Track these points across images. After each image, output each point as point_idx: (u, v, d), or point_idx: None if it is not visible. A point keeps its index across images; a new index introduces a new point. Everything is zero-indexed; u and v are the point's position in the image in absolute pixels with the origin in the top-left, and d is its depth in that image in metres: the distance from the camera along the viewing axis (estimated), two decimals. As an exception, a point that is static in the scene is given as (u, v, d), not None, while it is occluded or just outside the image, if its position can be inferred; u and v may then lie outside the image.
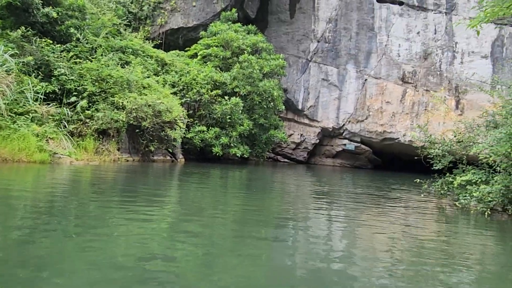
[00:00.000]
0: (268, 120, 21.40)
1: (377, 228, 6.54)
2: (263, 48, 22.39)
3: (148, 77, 17.69)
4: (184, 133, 17.65)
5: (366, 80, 26.23)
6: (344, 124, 26.87)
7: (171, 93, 18.09)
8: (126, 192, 8.47)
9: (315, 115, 27.32)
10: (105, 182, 9.77)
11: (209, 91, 19.00)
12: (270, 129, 21.63)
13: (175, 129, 15.84)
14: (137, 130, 15.27)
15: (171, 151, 16.96)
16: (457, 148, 8.89)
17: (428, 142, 9.49)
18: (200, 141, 18.61)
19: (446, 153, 8.90)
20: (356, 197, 10.60)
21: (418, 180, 9.61)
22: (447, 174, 9.01)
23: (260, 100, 20.39)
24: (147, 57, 19.80)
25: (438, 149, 8.92)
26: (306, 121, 27.79)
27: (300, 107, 27.37)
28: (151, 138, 15.61)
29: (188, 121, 18.34)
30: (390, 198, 10.29)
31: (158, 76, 18.67)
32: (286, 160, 28.38)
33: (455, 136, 8.96)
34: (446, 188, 8.97)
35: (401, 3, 25.65)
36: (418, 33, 25.24)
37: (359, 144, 27.35)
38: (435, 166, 9.19)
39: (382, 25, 25.92)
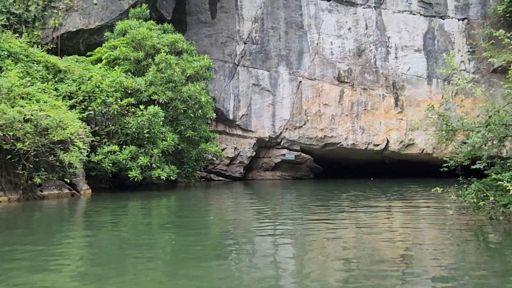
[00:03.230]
0: (197, 132, 17.81)
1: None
2: (183, 48, 18.87)
3: (32, 85, 13.23)
4: (88, 156, 13.42)
5: (300, 82, 23.99)
6: (281, 132, 24.26)
7: (68, 106, 13.80)
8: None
9: (249, 125, 24.36)
10: None
11: (119, 100, 14.97)
12: (201, 142, 18.03)
13: (71, 151, 11.56)
14: (9, 156, 10.72)
15: (68, 181, 12.53)
16: (500, 131, 6.11)
17: (446, 131, 6.66)
18: (111, 164, 14.44)
19: (489, 143, 6.15)
20: (342, 221, 7.57)
21: (439, 189, 6.73)
22: (487, 177, 6.20)
23: (185, 108, 16.75)
24: (33, 63, 15.28)
25: (478, 137, 6.08)
26: (239, 132, 24.69)
27: (231, 117, 24.23)
28: (35, 166, 11.16)
29: (93, 140, 14.06)
30: (411, 224, 7.17)
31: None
32: (220, 178, 24.90)
33: (489, 117, 6.21)
34: (488, 198, 6.10)
35: (329, -1, 24.01)
36: (349, 29, 23.69)
37: (299, 153, 24.88)
38: (473, 165, 6.38)
39: (312, 23, 24.01)
